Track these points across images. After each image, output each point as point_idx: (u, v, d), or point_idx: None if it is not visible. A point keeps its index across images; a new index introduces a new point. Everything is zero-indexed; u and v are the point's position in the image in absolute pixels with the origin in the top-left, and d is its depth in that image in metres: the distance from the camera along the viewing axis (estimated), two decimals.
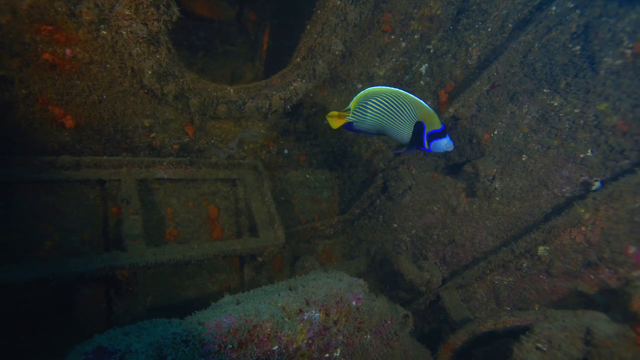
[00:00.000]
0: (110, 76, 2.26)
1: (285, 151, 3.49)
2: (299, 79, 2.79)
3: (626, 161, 2.08)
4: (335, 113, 1.81)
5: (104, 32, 2.06)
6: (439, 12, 2.83)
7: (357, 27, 2.59)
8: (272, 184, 3.57)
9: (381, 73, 3.11)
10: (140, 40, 2.05)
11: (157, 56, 2.19)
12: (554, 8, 2.25)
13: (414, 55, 3.11)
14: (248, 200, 3.21)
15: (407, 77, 3.26)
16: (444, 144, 1.74)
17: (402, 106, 1.69)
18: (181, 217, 3.05)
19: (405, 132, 1.75)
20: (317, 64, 2.71)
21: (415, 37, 2.95)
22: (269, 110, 2.89)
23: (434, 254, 3.00)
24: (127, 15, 1.95)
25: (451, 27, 2.92)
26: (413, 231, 3.15)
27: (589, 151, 2.23)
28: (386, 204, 3.38)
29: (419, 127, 1.71)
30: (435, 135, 1.72)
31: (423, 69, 3.15)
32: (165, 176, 2.91)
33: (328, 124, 1.87)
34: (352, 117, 1.72)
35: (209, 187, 3.21)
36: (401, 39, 2.91)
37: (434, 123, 1.71)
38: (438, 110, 3.03)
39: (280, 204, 3.64)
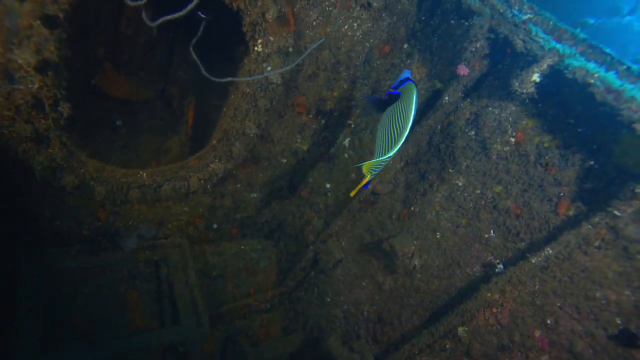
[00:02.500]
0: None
1: (215, 226, 3.38)
2: (216, 160, 2.77)
3: (522, 244, 2.15)
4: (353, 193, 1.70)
5: None
6: (354, 92, 2.95)
7: (271, 111, 2.64)
8: (204, 259, 3.42)
9: (304, 148, 3.15)
10: (25, 139, 1.97)
11: (50, 151, 2.10)
12: (446, 98, 2.39)
13: (336, 129, 3.20)
14: (171, 283, 3.03)
15: (332, 149, 3.32)
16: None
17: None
18: (93, 307, 2.81)
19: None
20: (233, 145, 2.71)
21: (334, 114, 3.04)
22: (188, 191, 2.82)
23: (365, 331, 2.90)
24: (8, 116, 1.87)
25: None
26: (345, 306, 3.06)
27: (492, 232, 2.29)
28: (319, 276, 3.30)
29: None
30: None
31: (346, 142, 3.23)
32: (75, 266, 2.72)
33: None
34: (371, 175, 1.60)
35: (128, 270, 3.02)
36: (319, 117, 2.99)
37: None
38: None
39: (212, 280, 3.47)
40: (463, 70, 2.20)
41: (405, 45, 2.82)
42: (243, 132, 2.64)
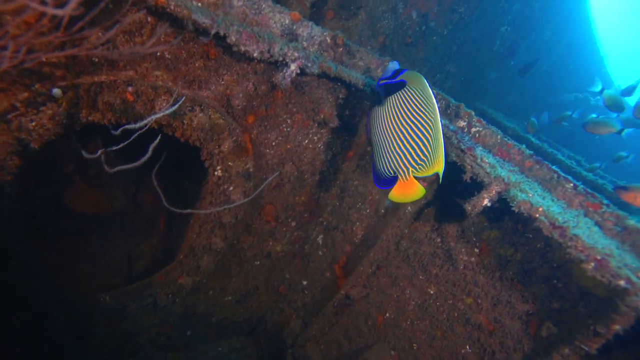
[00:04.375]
0: None
1: (188, 332, 3.23)
2: (184, 275, 2.70)
3: None
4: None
5: None
6: (321, 194, 2.98)
7: (237, 224, 2.63)
8: None
9: (278, 248, 3.11)
10: None
11: None
12: (408, 208, 2.41)
13: (309, 228, 3.18)
14: None
15: (307, 246, 3.28)
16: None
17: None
18: None
19: None
20: (201, 260, 2.67)
21: (305, 215, 3.04)
22: (155, 307, 2.73)
23: None
24: None
25: (337, 203, 3.06)
26: None
27: (467, 347, 2.19)
28: None
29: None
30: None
31: (319, 239, 3.20)
32: None
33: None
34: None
35: None
36: (290, 219, 2.98)
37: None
38: (335, 284, 3.01)
39: None
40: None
41: (369, 148, 2.90)
42: (210, 247, 2.61)
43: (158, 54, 1.76)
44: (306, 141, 2.56)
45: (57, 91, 1.58)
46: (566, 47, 4.51)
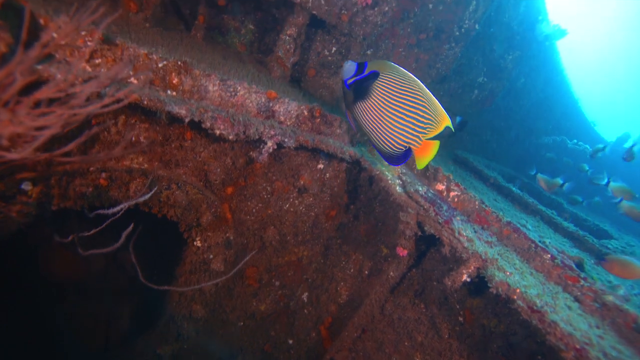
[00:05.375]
0: None
1: None
2: (163, 345, 2.61)
3: None
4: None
5: None
6: (305, 252, 2.94)
7: (219, 290, 2.57)
8: None
9: (262, 308, 3.03)
10: None
11: None
12: (391, 273, 2.38)
13: (293, 286, 3.12)
14: None
15: (292, 303, 3.21)
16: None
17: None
18: None
19: None
20: (182, 328, 2.58)
21: (289, 274, 2.99)
22: None
23: None
24: None
25: (322, 261, 3.02)
26: None
27: None
28: None
29: None
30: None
31: (304, 297, 3.14)
32: None
33: None
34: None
35: None
36: (273, 279, 2.92)
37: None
38: (321, 346, 2.92)
39: None
40: (402, 251, 2.22)
41: (352, 207, 2.90)
42: (190, 315, 2.53)
43: (133, 138, 1.76)
44: (287, 205, 2.55)
45: (26, 184, 1.56)
46: (541, 92, 4.68)
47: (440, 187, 2.40)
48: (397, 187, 2.18)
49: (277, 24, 3.39)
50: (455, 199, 2.31)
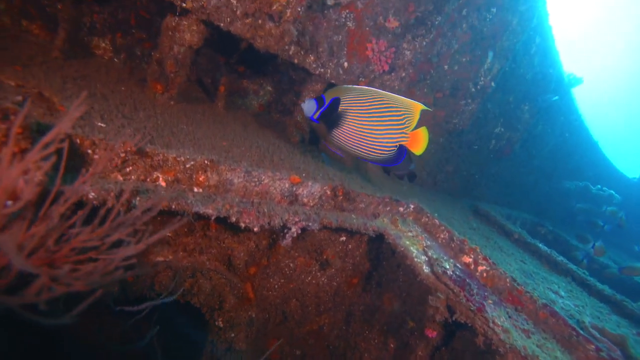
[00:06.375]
0: None
1: None
2: None
3: None
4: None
5: None
6: (326, 320, 2.85)
7: None
8: None
9: None
10: None
11: None
12: (419, 352, 2.28)
13: (314, 354, 3.01)
14: None
15: None
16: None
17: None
18: None
19: None
20: None
21: (310, 342, 2.89)
22: None
23: None
24: None
25: (344, 327, 2.92)
26: None
27: None
28: None
29: None
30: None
31: None
32: None
33: None
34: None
35: None
36: (295, 349, 2.83)
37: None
38: None
39: None
40: (431, 333, 2.13)
41: (374, 273, 2.83)
42: None
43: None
44: (309, 278, 2.50)
45: None
46: (559, 137, 4.62)
47: (467, 259, 2.32)
48: (424, 267, 2.12)
49: (293, 84, 3.46)
50: (484, 274, 2.23)
